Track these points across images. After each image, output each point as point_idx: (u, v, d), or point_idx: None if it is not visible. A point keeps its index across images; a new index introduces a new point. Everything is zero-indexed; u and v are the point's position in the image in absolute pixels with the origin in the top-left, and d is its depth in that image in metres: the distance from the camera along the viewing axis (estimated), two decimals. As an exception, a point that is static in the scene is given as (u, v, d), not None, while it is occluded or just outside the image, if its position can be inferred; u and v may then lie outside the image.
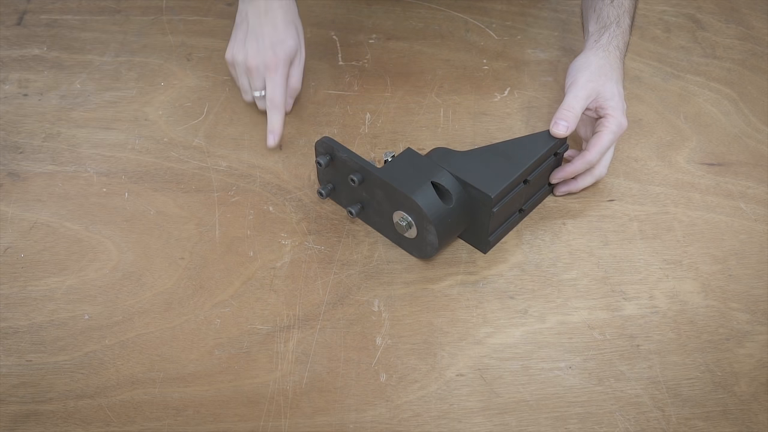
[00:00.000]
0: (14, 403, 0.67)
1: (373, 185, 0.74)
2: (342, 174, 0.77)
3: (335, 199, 0.82)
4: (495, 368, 0.70)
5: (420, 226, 0.73)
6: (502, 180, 0.73)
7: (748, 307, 0.74)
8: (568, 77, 0.82)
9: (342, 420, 0.66)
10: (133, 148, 0.88)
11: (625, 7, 0.86)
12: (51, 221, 0.81)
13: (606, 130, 0.78)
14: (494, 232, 0.77)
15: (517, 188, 0.75)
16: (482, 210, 0.73)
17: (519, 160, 0.75)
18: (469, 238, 0.78)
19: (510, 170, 0.74)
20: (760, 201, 0.84)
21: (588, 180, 0.81)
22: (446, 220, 0.72)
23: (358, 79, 0.96)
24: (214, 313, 0.73)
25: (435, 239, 0.72)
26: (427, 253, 0.75)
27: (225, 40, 1.01)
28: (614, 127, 0.78)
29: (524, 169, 0.74)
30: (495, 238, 0.78)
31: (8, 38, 1.02)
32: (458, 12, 1.06)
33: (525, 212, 0.80)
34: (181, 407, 0.67)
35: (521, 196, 0.77)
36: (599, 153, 0.79)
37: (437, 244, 0.73)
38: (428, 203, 0.71)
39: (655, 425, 0.66)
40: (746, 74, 0.99)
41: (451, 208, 0.72)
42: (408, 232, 0.74)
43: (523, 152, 0.76)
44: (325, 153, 0.77)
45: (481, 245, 0.78)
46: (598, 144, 0.78)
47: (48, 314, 0.73)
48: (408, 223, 0.73)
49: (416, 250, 0.76)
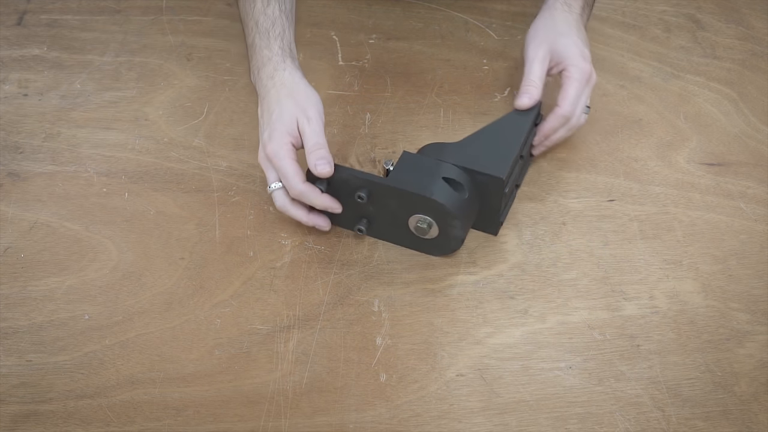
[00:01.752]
0: (14, 403, 0.67)
1: (383, 196, 0.73)
2: (343, 194, 0.75)
3: (335, 222, 0.79)
4: (495, 368, 0.70)
5: (442, 223, 0.73)
6: (505, 160, 0.74)
7: (748, 307, 0.74)
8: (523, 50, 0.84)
9: (342, 420, 0.66)
10: (133, 148, 0.88)
11: None
12: (51, 221, 0.81)
13: (568, 80, 0.79)
14: (503, 212, 0.78)
15: (517, 165, 0.77)
16: (493, 193, 0.74)
17: (512, 138, 0.76)
18: (477, 224, 0.79)
19: (507, 149, 0.75)
20: (760, 201, 0.84)
21: (563, 132, 0.82)
22: (466, 211, 0.73)
23: (358, 79, 0.96)
24: (214, 313, 0.73)
25: (461, 232, 0.74)
26: (452, 248, 0.76)
27: (225, 40, 1.02)
28: (576, 74, 0.79)
29: (520, 145, 0.76)
30: (503, 218, 0.79)
31: (8, 38, 1.02)
32: (458, 12, 1.06)
33: (518, 187, 0.82)
34: (181, 407, 0.67)
35: (518, 172, 0.79)
36: (570, 104, 0.79)
37: (463, 236, 0.74)
38: (448, 199, 0.71)
39: (655, 425, 0.66)
40: (746, 74, 0.99)
41: (467, 199, 0.73)
42: (429, 233, 0.74)
43: (510, 130, 0.77)
44: (321, 178, 0.74)
45: (491, 228, 0.79)
46: (565, 96, 0.79)
47: (48, 314, 0.73)
48: (429, 224, 0.73)
49: (437, 249, 0.77)
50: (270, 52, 0.82)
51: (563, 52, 0.81)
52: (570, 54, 0.80)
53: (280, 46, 0.82)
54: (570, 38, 0.82)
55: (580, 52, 0.80)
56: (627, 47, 1.02)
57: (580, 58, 0.80)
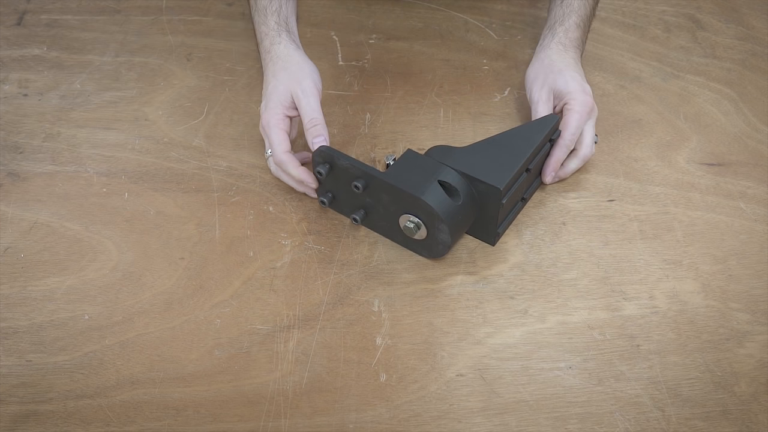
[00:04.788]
0: (14, 403, 0.67)
1: (378, 190, 0.74)
2: (343, 181, 0.76)
3: (335, 208, 0.81)
4: (495, 368, 0.70)
5: (431, 226, 0.73)
6: (507, 171, 0.73)
7: (748, 307, 0.74)
8: (527, 92, 0.88)
9: (342, 420, 0.66)
10: (133, 148, 0.88)
11: (573, 7, 0.91)
12: (51, 221, 0.81)
13: (570, 112, 0.81)
14: (501, 224, 0.78)
15: (521, 178, 0.76)
16: (490, 203, 0.74)
17: (519, 150, 0.76)
18: (475, 232, 0.79)
19: (512, 161, 0.75)
20: (760, 201, 0.84)
21: (575, 163, 0.84)
22: (457, 217, 0.72)
23: (358, 79, 0.96)
24: (214, 313, 0.73)
25: (448, 238, 0.73)
26: (439, 252, 0.75)
27: (225, 40, 1.02)
28: (577, 106, 0.81)
29: (526, 159, 0.75)
30: (502, 229, 0.79)
31: (8, 38, 1.02)
32: (458, 12, 1.06)
33: (525, 200, 0.81)
34: (181, 407, 0.67)
35: (523, 185, 0.78)
36: (571, 134, 0.81)
37: (450, 242, 0.73)
38: (438, 202, 0.71)
39: (655, 425, 0.66)
40: (746, 74, 0.99)
41: (460, 205, 0.73)
42: (417, 234, 0.74)
43: (521, 142, 0.77)
44: (324, 162, 0.76)
45: (489, 237, 0.78)
46: (567, 126, 0.81)
47: (48, 314, 0.73)
48: (416, 225, 0.73)
49: (426, 251, 0.77)
50: (267, 28, 0.87)
51: (563, 88, 0.83)
52: (571, 89, 0.82)
53: (276, 21, 0.87)
54: (569, 74, 0.84)
55: (581, 86, 0.83)
56: (627, 47, 1.02)
57: (581, 92, 0.82)
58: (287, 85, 0.81)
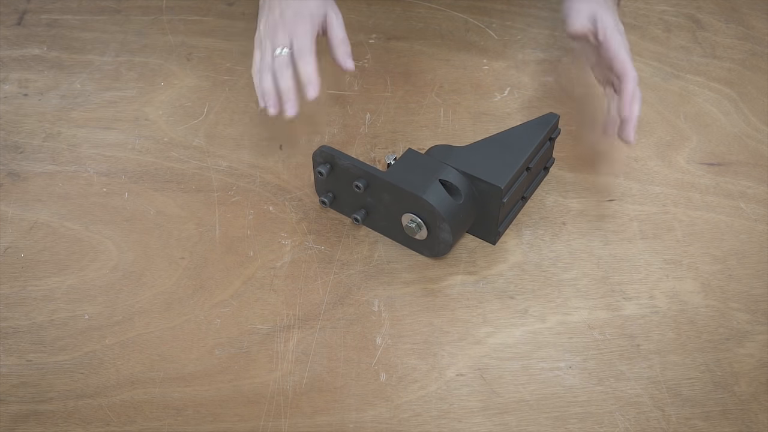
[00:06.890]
0: (14, 403, 0.67)
1: (379, 190, 0.74)
2: (344, 181, 0.76)
3: (336, 208, 0.81)
4: (495, 368, 0.70)
5: (432, 225, 0.73)
6: (508, 170, 0.73)
7: (748, 307, 0.74)
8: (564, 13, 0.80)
9: (342, 420, 0.66)
10: (133, 148, 0.88)
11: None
12: (51, 221, 0.81)
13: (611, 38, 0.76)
14: (502, 222, 0.78)
15: (522, 176, 0.76)
16: (491, 202, 0.74)
17: (520, 149, 0.76)
18: (476, 231, 0.79)
19: (513, 159, 0.75)
20: (760, 201, 0.84)
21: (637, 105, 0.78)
22: (458, 216, 0.73)
23: (358, 79, 0.96)
24: (214, 313, 0.73)
25: (449, 237, 0.73)
26: (441, 251, 0.75)
27: (225, 40, 1.02)
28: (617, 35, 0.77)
29: (526, 157, 0.75)
30: (503, 228, 0.79)
31: (8, 38, 1.02)
32: (458, 12, 1.06)
33: (526, 199, 0.81)
34: (181, 407, 0.67)
35: (524, 184, 0.78)
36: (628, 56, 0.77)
37: (452, 241, 0.73)
38: (440, 202, 0.71)
39: (655, 425, 0.66)
40: (746, 74, 0.99)
41: (461, 204, 0.73)
42: (419, 233, 0.74)
43: (521, 141, 0.77)
44: (325, 162, 0.76)
45: (490, 237, 0.78)
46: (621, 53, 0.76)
47: (48, 314, 0.73)
48: (418, 224, 0.73)
49: (427, 250, 0.77)
50: None
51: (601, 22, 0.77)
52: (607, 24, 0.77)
53: None
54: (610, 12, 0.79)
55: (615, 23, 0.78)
56: (627, 47, 1.02)
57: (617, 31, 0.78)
58: (322, 5, 0.78)
